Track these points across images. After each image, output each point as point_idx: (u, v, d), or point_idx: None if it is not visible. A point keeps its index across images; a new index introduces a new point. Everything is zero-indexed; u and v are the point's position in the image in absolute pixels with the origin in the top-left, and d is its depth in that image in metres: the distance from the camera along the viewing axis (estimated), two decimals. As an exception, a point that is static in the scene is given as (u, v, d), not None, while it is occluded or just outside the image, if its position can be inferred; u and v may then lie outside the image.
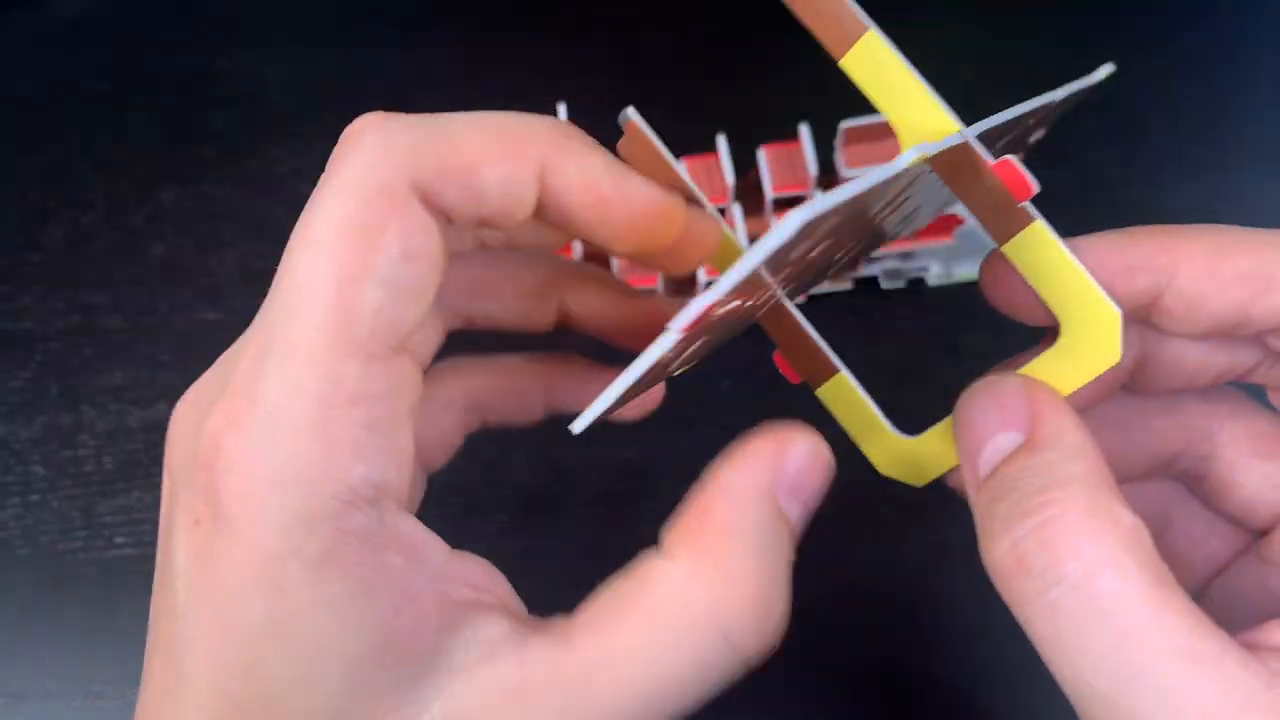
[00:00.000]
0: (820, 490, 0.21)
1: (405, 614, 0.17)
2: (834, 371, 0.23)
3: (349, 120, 0.19)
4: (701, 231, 0.21)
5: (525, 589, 0.38)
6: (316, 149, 0.20)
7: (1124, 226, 0.22)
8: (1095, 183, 0.46)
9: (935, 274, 0.42)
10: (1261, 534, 0.24)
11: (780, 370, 0.24)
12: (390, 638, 0.17)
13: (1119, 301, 0.20)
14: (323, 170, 0.19)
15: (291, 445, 0.17)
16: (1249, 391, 0.25)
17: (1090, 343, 0.20)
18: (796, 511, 0.20)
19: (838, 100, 0.27)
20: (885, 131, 0.38)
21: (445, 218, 0.18)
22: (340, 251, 0.17)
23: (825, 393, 0.24)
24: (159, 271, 0.44)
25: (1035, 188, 0.19)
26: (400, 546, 0.18)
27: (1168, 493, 0.25)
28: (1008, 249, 0.21)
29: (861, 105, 0.35)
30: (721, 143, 0.40)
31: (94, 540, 0.38)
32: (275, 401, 0.17)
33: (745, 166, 0.41)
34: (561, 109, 0.38)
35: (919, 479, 0.24)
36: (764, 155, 0.41)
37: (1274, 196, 0.48)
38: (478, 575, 0.20)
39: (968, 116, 0.21)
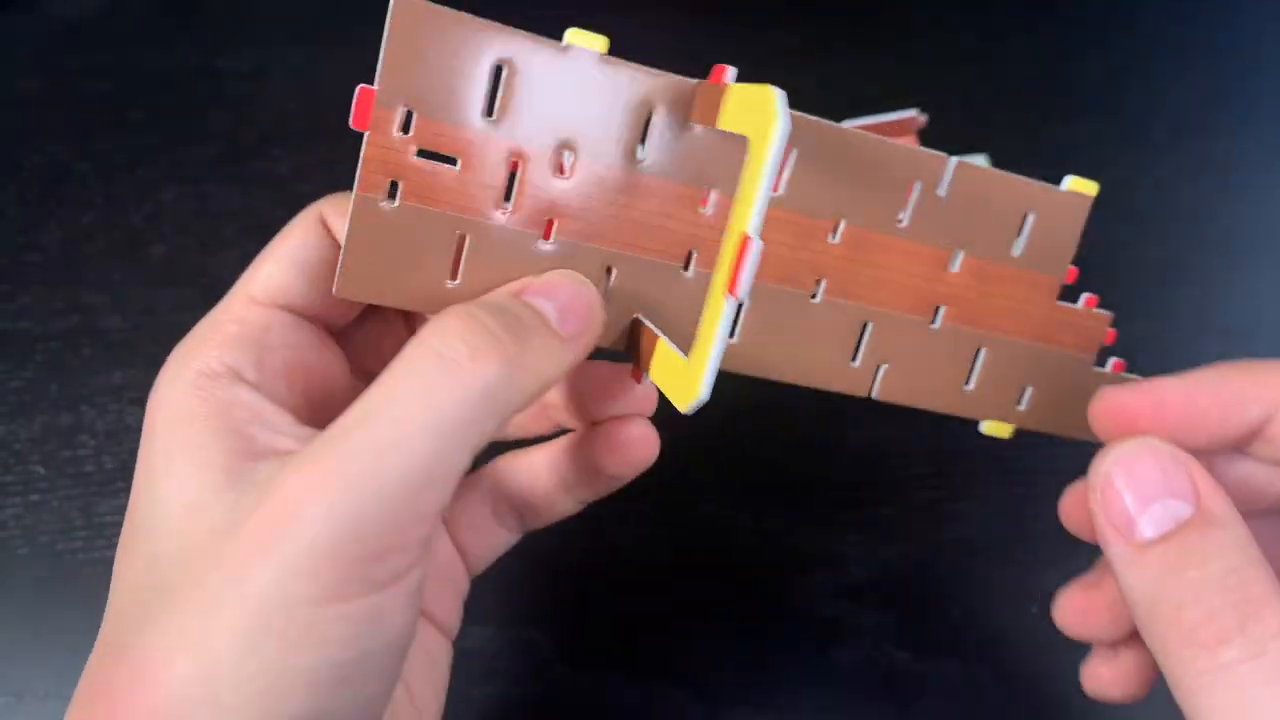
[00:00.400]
0: (569, 295, 0.23)
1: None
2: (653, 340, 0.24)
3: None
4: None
5: (525, 589, 0.39)
6: (317, 149, 0.20)
7: (1136, 238, 0.23)
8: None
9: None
10: None
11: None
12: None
13: (1227, 434, 0.23)
14: (322, 170, 0.19)
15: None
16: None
17: (763, 120, 0.20)
18: (547, 306, 0.23)
19: (838, 99, 0.27)
20: (887, 129, 0.38)
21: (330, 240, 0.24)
22: (270, 243, 0.24)
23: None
24: (159, 271, 0.44)
25: (729, 70, 0.23)
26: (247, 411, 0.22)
27: None
28: (720, 124, 0.23)
29: (862, 105, 0.35)
30: None
31: (94, 540, 0.38)
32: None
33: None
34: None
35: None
36: None
37: (1274, 197, 0.48)
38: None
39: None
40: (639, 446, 0.26)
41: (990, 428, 0.28)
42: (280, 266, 0.24)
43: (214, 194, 0.45)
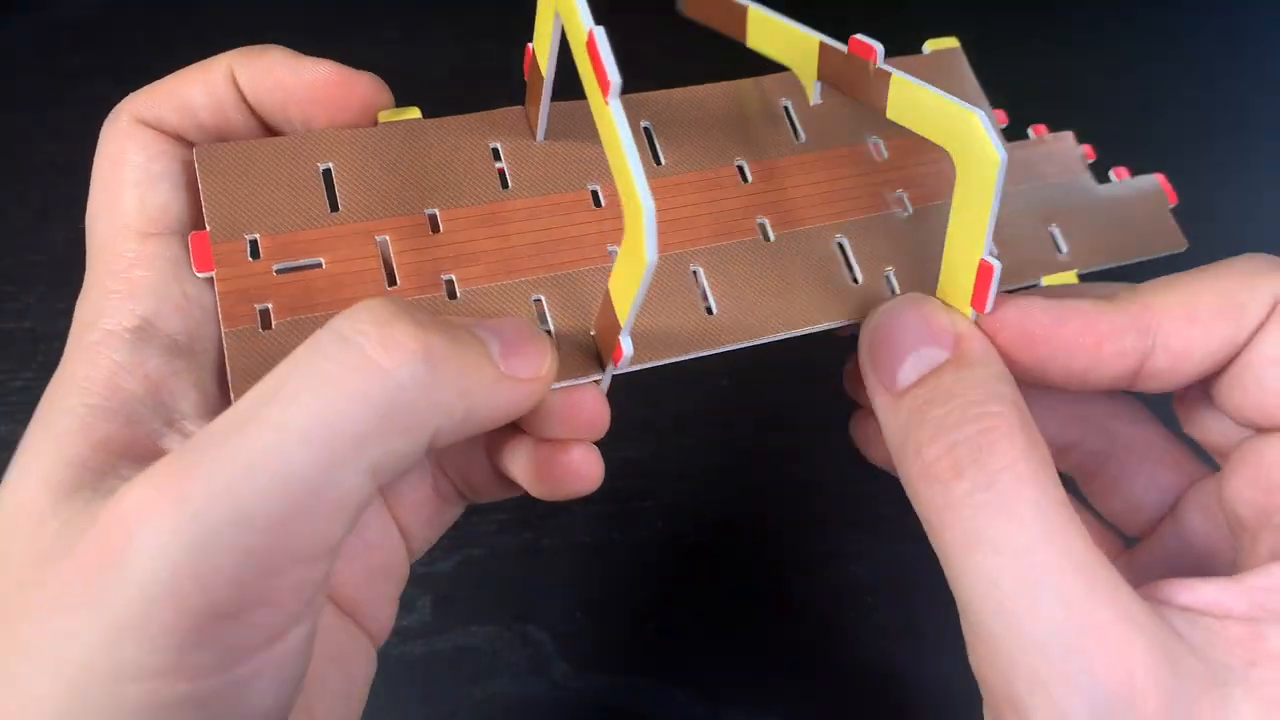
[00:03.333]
0: (515, 333, 0.20)
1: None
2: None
3: (192, 267, 0.21)
4: None
5: (525, 589, 0.39)
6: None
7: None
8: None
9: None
10: (1132, 541, 0.25)
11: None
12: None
13: (1112, 369, 0.21)
14: None
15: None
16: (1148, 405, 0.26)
17: (973, 151, 0.20)
18: (492, 340, 0.19)
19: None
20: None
21: (177, 137, 0.22)
22: (102, 181, 0.21)
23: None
24: (160, 271, 0.44)
25: (879, 48, 0.22)
26: (140, 378, 0.19)
27: None
28: (890, 114, 0.22)
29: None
30: None
31: (96, 540, 0.38)
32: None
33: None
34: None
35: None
36: None
37: (1274, 197, 0.48)
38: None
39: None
40: (579, 474, 0.22)
41: (1052, 278, 0.26)
42: (155, 185, 0.21)
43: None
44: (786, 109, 0.26)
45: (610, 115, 0.19)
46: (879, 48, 0.22)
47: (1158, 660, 0.17)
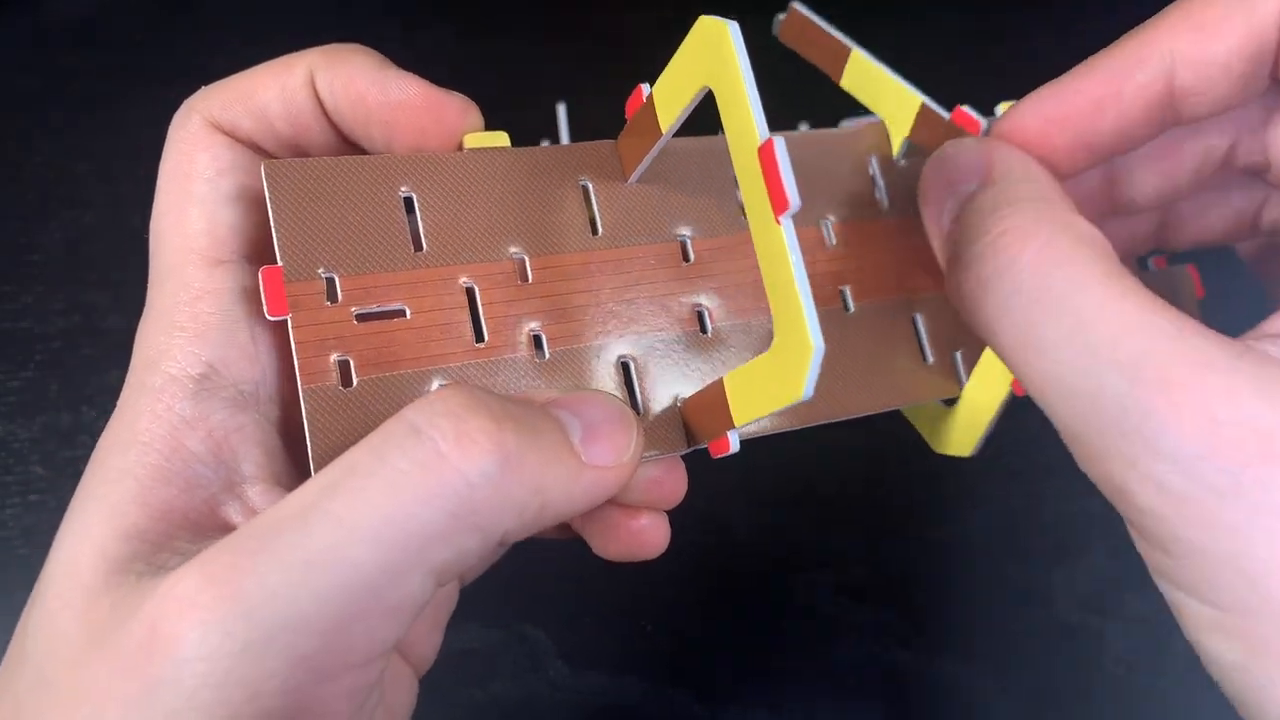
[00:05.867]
0: (600, 414, 0.19)
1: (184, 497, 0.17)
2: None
3: (264, 311, 0.20)
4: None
5: (525, 588, 0.39)
6: (316, 149, 0.20)
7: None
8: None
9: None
10: None
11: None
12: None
13: (1142, 106, 0.20)
14: None
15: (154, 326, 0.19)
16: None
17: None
18: (572, 421, 0.18)
19: (838, 98, 0.27)
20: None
21: (250, 144, 0.20)
22: (169, 193, 0.20)
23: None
24: (159, 271, 0.44)
25: (983, 122, 0.22)
26: (204, 434, 0.18)
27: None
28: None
29: (863, 105, 0.35)
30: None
31: (94, 540, 0.38)
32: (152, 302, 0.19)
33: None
34: (561, 109, 0.38)
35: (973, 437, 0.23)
36: None
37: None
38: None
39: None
40: (645, 542, 0.21)
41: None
42: (208, 207, 0.19)
43: (214, 194, 0.45)
44: (870, 164, 0.25)
45: (781, 237, 0.17)
46: (984, 122, 0.21)
47: (1245, 395, 0.15)
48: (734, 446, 0.20)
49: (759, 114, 0.17)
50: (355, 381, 0.19)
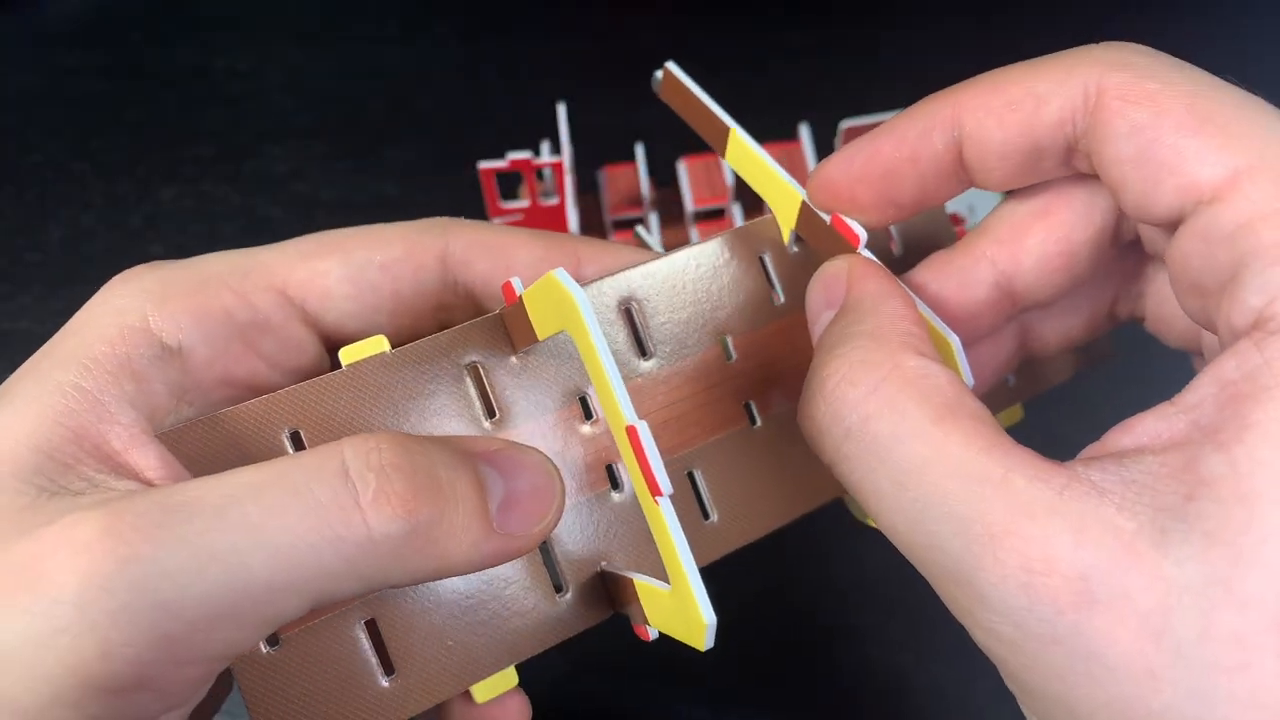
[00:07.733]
0: (529, 483, 0.19)
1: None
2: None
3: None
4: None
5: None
6: (315, 149, 0.19)
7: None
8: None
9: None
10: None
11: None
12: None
13: (934, 171, 0.20)
14: (320, 169, 0.19)
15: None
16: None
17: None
18: (496, 485, 0.18)
19: (838, 100, 0.27)
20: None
21: None
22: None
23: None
24: (158, 271, 0.44)
25: (862, 235, 0.21)
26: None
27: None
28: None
29: (862, 106, 0.35)
30: (639, 151, 0.40)
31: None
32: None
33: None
34: (561, 109, 0.38)
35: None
36: (683, 168, 0.40)
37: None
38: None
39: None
40: None
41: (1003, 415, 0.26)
42: (349, 272, 0.20)
43: (212, 193, 0.45)
44: (763, 262, 0.24)
45: (661, 514, 0.17)
46: (863, 235, 0.21)
47: (1060, 542, 0.15)
48: (653, 636, 0.20)
49: (621, 394, 0.17)
50: (281, 647, 0.18)
